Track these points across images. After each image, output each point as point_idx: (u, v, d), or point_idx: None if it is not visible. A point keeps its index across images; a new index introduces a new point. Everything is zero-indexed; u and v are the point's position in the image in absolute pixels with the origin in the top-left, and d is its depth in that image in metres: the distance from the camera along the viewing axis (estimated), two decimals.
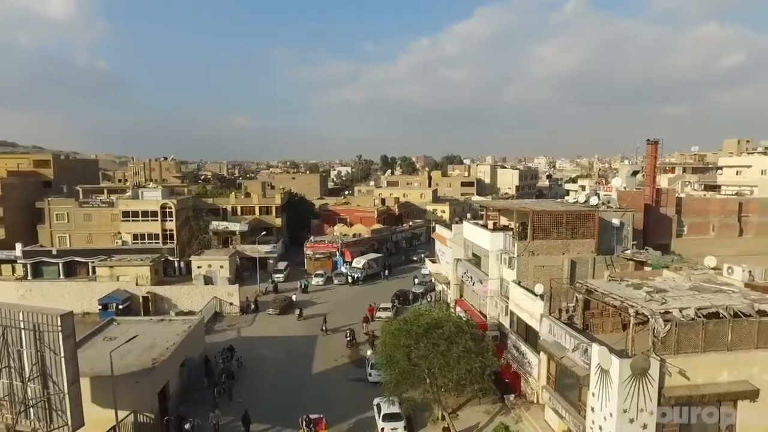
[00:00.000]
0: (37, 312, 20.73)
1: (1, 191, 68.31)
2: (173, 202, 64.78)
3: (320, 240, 68.00)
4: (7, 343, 20.81)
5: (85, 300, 46.69)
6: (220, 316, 46.68)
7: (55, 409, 20.74)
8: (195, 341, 34.19)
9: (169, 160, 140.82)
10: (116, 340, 29.13)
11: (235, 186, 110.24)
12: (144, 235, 64.20)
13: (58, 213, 67.00)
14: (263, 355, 37.37)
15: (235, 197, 73.70)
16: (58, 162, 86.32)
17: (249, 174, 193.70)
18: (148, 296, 47.96)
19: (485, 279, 33.18)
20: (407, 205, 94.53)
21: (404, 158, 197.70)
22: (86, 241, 65.62)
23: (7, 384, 21.23)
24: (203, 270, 56.71)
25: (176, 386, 29.96)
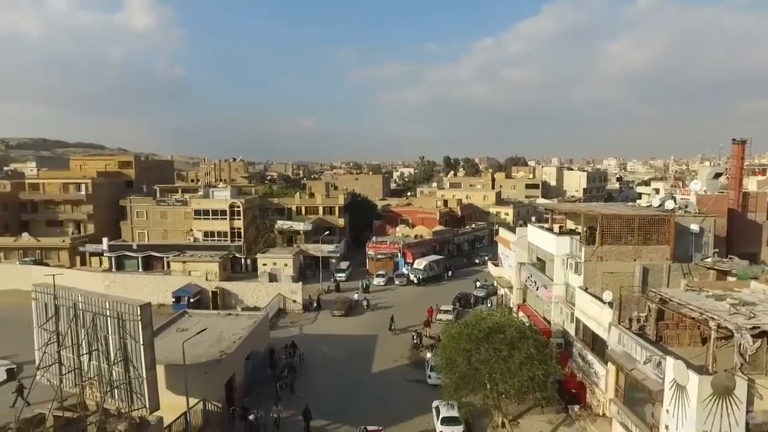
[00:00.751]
0: (121, 302, 22.28)
1: (92, 190, 74.15)
2: (241, 201, 67.43)
3: (382, 240, 68.49)
4: (97, 328, 22.52)
5: (160, 292, 49.58)
6: (284, 313, 48.09)
7: (135, 392, 22.17)
8: (260, 336, 35.42)
9: (238, 160, 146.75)
10: (188, 332, 30.70)
11: (300, 186, 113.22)
12: (214, 233, 67.25)
13: (138, 211, 71.56)
14: (324, 353, 38.14)
15: (299, 197, 75.71)
16: (139, 163, 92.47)
17: (313, 174, 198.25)
18: (217, 291, 50.27)
19: (550, 284, 32.14)
20: (470, 207, 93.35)
21: (467, 159, 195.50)
22: (162, 237, 69.66)
23: (96, 366, 22.97)
24: (268, 267, 58.64)
25: (241, 378, 31.16)
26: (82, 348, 23.14)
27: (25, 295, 27.28)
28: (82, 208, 73.83)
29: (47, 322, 23.71)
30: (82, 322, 22.86)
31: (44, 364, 23.95)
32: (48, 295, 23.55)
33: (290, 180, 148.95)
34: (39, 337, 24.42)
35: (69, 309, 23.09)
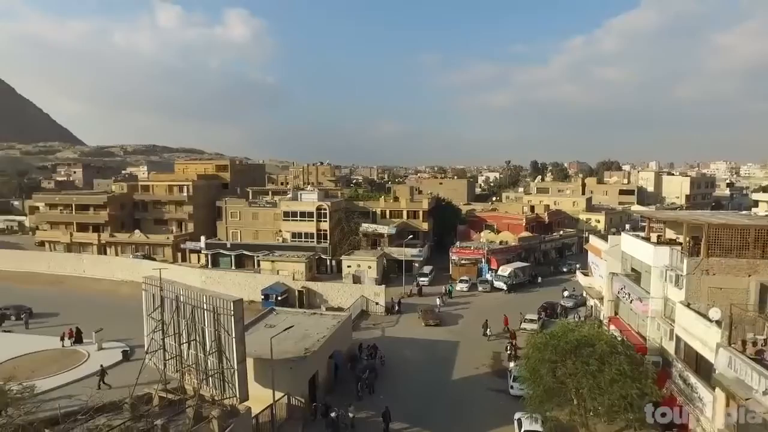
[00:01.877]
0: (216, 297, 23.84)
1: (192, 192, 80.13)
2: (328, 204, 69.52)
3: (466, 246, 67.57)
4: (195, 320, 24.30)
5: (250, 289, 52.33)
6: (366, 315, 48.89)
7: (227, 381, 23.60)
8: (343, 336, 36.26)
9: (325, 164, 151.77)
10: (275, 328, 32.14)
11: (385, 190, 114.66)
12: (301, 234, 69.87)
13: (233, 211, 76.09)
14: (405, 356, 38.26)
15: (384, 201, 76.69)
16: (234, 167, 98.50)
17: (398, 178, 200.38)
18: (303, 290, 52.17)
19: (645, 297, 29.98)
20: (558, 213, 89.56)
21: (555, 164, 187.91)
22: (253, 237, 73.51)
23: (194, 354, 24.78)
24: (352, 269, 59.96)
25: (324, 376, 32.04)
26: (182, 337, 25.06)
27: (137, 285, 30.17)
28: (184, 208, 79.96)
29: (154, 311, 25.93)
30: (183, 313, 24.74)
31: (151, 350, 26.23)
32: (155, 287, 25.77)
33: (375, 184, 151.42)
34: (148, 324, 26.78)
35: (172, 301, 25.11)
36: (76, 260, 68.40)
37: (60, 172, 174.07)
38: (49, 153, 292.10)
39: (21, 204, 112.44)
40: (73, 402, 25.35)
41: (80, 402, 24.63)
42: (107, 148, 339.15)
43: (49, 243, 79.69)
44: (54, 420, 24.10)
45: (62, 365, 35.96)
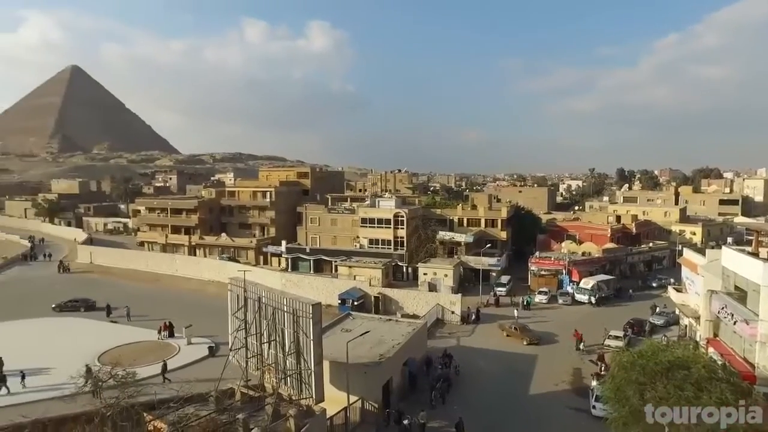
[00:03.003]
0: (296, 299, 24.71)
1: (275, 197, 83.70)
2: (405, 211, 69.83)
3: (546, 256, 65.12)
4: (275, 321, 25.33)
5: (327, 293, 53.52)
6: (442, 323, 48.42)
7: (304, 382, 24.32)
8: (417, 343, 36.13)
9: (403, 172, 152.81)
10: (351, 333, 32.64)
11: (462, 198, 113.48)
12: (378, 241, 70.62)
13: (312, 217, 78.44)
14: (480, 367, 37.45)
15: (461, 209, 75.84)
16: (314, 174, 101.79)
17: (476, 186, 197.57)
18: (379, 296, 52.63)
19: (753, 319, 27.26)
20: (647, 224, 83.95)
21: (644, 171, 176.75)
22: (332, 242, 75.33)
23: (273, 354, 25.83)
24: (428, 277, 59.69)
25: (398, 383, 32.06)
26: (263, 337, 26.18)
27: (223, 286, 31.98)
28: (267, 213, 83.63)
29: (238, 311, 27.33)
30: (265, 314, 25.86)
31: (235, 347, 27.65)
32: (239, 288, 27.17)
33: (452, 191, 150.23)
34: (232, 323, 28.27)
35: (255, 302, 26.33)
36: (169, 260, 73.67)
37: (158, 178, 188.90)
38: (149, 161, 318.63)
39: (126, 207, 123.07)
40: (166, 391, 27.21)
41: (172, 391, 26.44)
42: (198, 156, 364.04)
43: (148, 243, 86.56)
44: (150, 405, 26.09)
45: (158, 356, 38.80)
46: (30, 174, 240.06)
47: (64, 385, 28.43)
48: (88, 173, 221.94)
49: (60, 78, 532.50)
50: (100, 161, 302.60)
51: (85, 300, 53.35)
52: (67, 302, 52.55)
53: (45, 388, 31.92)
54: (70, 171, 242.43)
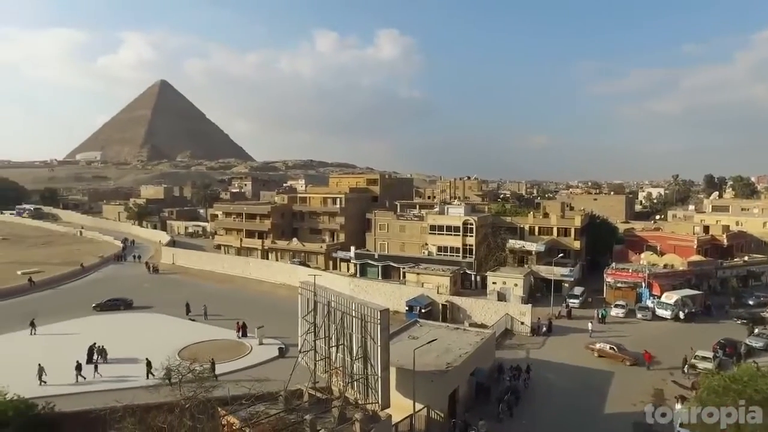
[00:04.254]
0: (364, 305, 24.93)
1: (344, 204, 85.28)
2: (474, 218, 68.80)
3: (623, 267, 61.69)
4: (344, 326, 25.69)
5: (395, 300, 53.66)
6: (511, 334, 47.10)
7: (370, 387, 24.43)
8: (485, 354, 35.35)
9: (472, 179, 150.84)
10: (418, 340, 32.47)
11: (533, 205, 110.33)
12: (447, 248, 69.95)
13: (381, 223, 79.08)
14: (550, 381, 35.99)
15: (532, 217, 73.65)
16: (383, 180, 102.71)
17: (547, 194, 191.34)
18: (447, 304, 52.08)
19: None
20: (741, 236, 77.31)
21: (738, 178, 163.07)
22: (400, 249, 75.53)
23: (341, 358, 26.19)
24: (497, 286, 58.34)
25: (464, 393, 31.48)
26: (332, 340, 26.61)
27: (293, 289, 32.92)
28: (336, 219, 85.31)
29: (308, 314, 27.97)
30: (333, 318, 26.29)
31: (304, 349, 28.29)
32: (309, 292, 27.81)
33: (523, 199, 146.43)
34: (302, 326, 28.97)
35: (324, 306, 26.84)
36: (244, 263, 76.91)
37: (234, 184, 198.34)
38: (227, 168, 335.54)
39: (205, 212, 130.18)
40: (239, 388, 28.30)
41: (244, 389, 27.46)
42: (272, 163, 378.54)
43: (224, 246, 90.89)
44: (224, 400, 27.29)
45: (232, 354, 40.62)
46: (124, 180, 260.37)
47: None
48: (172, 180, 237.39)
49: (150, 92, 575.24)
50: (182, 168, 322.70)
51: (123, 299, 56.01)
52: (107, 301, 55.16)
53: (130, 378, 34.72)
54: (156, 177, 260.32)
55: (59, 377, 34.29)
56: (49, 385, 33.26)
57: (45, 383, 33.69)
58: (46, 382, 33.77)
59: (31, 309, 51.63)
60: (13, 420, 22.96)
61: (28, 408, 24.41)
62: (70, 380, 34.46)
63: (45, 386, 33.21)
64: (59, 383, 33.62)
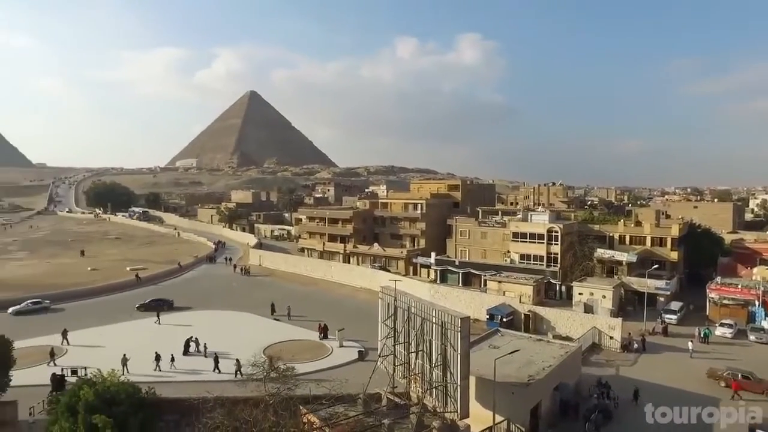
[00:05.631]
0: (444, 312, 24.67)
1: (425, 210, 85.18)
2: (559, 226, 66.03)
3: (731, 283, 56.16)
4: (423, 332, 25.56)
5: (475, 307, 52.62)
6: (598, 348, 44.50)
7: (449, 395, 24.08)
8: (570, 368, 33.66)
9: (557, 185, 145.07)
10: (499, 350, 31.58)
11: (624, 213, 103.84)
12: (530, 256, 67.61)
13: (462, 230, 78.02)
14: (643, 402, 33.41)
15: (623, 225, 69.32)
16: (464, 186, 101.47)
17: (640, 201, 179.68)
18: (529, 314, 50.27)
19: None
20: None
21: None
22: (481, 256, 74.03)
23: (420, 364, 26.08)
24: (584, 297, 55.45)
25: (547, 408, 30.11)
26: (411, 346, 26.54)
27: (374, 293, 33.28)
28: (417, 224, 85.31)
29: (388, 319, 28.13)
30: (413, 324, 26.23)
31: (383, 354, 28.46)
32: (390, 297, 27.96)
33: (613, 206, 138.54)
34: (381, 330, 29.19)
35: (404, 311, 26.87)
36: (326, 266, 79.00)
37: (318, 189, 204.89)
38: (310, 174, 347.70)
39: (290, 216, 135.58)
40: (320, 388, 29.01)
41: (325, 389, 28.10)
42: (354, 169, 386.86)
43: (307, 249, 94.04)
44: (306, 399, 28.08)
45: (313, 354, 41.82)
46: (216, 186, 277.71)
47: None
48: (260, 185, 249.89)
49: (240, 102, 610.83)
50: (269, 174, 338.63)
51: (166, 300, 58.51)
52: (150, 301, 57.71)
53: (204, 371, 37.69)
54: (246, 183, 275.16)
55: (162, 364, 38.58)
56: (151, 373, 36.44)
57: (160, 368, 38.14)
58: (159, 367, 38.34)
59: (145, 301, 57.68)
60: (124, 401, 25.25)
61: (135, 391, 26.72)
62: (175, 368, 38.43)
63: (148, 372, 36.63)
64: (164, 370, 38.17)
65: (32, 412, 30.25)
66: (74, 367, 36.86)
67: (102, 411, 24.24)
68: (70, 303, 59.32)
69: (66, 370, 35.91)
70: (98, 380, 27.11)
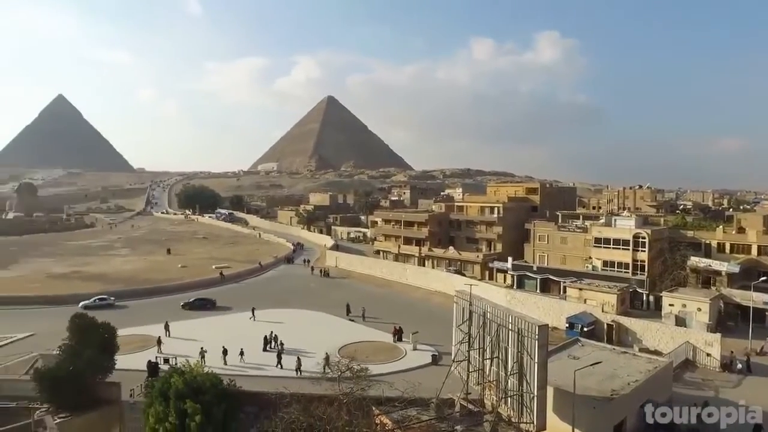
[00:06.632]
0: (521, 318, 23.90)
1: (502, 213, 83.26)
2: (647, 232, 61.99)
3: None
4: (499, 338, 24.92)
5: (554, 315, 50.55)
6: (692, 366, 41.07)
7: (525, 405, 23.28)
8: (660, 385, 31.32)
9: (644, 188, 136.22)
10: (579, 361, 30.05)
11: (723, 218, 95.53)
12: (613, 263, 64.03)
13: (540, 234, 75.39)
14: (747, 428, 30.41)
15: (722, 232, 63.78)
16: (543, 190, 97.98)
17: (742, 205, 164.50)
18: (613, 324, 47.52)
19: None
20: None
21: None
22: (560, 262, 71.13)
23: (495, 371, 25.44)
24: (675, 309, 51.52)
25: (633, 426, 28.15)
26: (486, 352, 25.95)
27: (448, 297, 32.91)
28: (494, 228, 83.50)
29: (462, 324, 27.73)
30: (488, 330, 25.65)
31: (457, 359, 28.07)
32: (465, 302, 27.55)
33: (709, 210, 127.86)
34: (455, 335, 28.81)
35: (479, 316, 26.35)
36: (401, 269, 79.29)
37: (393, 192, 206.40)
38: (386, 177, 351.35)
39: (366, 218, 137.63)
40: (393, 390, 29.08)
41: (398, 391, 28.13)
42: (430, 172, 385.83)
43: (382, 252, 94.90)
44: (378, 400, 28.28)
45: (387, 356, 42.08)
46: (295, 188, 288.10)
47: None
48: (337, 188, 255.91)
49: (318, 107, 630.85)
50: (346, 177, 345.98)
51: (209, 300, 60.41)
52: (194, 301, 59.72)
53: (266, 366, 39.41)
54: (323, 186, 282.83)
55: (253, 357, 40.90)
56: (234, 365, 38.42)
57: (226, 362, 39.51)
58: (226, 361, 39.65)
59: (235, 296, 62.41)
60: (209, 390, 26.87)
61: (218, 381, 28.35)
62: (244, 362, 40.08)
63: (229, 364, 38.86)
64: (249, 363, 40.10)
65: (132, 394, 33.01)
66: (167, 355, 39.99)
67: (190, 398, 25.91)
68: (154, 299, 64.04)
69: (159, 359, 38.82)
70: (186, 370, 29.01)
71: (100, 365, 30.86)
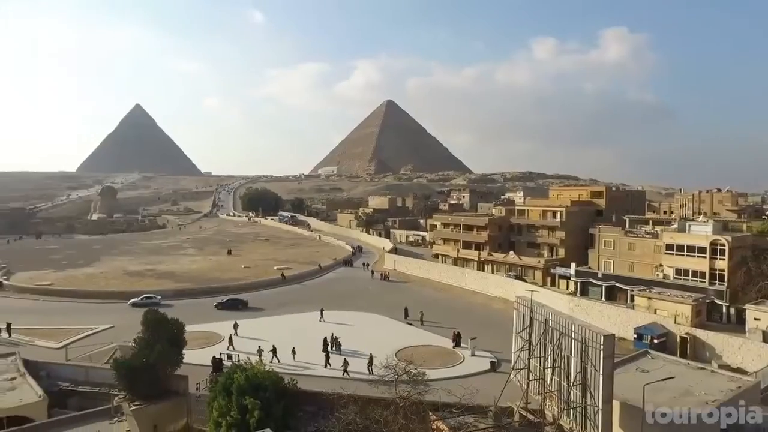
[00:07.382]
0: (585, 327, 22.90)
1: (565, 218, 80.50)
2: (727, 238, 57.85)
3: None
4: (561, 347, 24.00)
5: (621, 325, 48.27)
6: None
7: (588, 419, 22.24)
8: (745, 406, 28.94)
9: (724, 191, 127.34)
10: (649, 375, 28.37)
11: None
12: (688, 272, 60.26)
13: (606, 240, 72.26)
14: None
15: None
16: (609, 193, 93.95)
17: None
18: (687, 337, 44.67)
19: None
20: None
21: None
22: (628, 269, 67.79)
23: (557, 381, 24.50)
24: (762, 323, 47.54)
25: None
26: (547, 361, 25.07)
27: (508, 303, 32.14)
28: (556, 233, 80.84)
29: (523, 331, 26.96)
30: (550, 338, 24.77)
31: (517, 367, 27.31)
32: (525, 308, 26.79)
33: None
34: (515, 342, 28.06)
35: (540, 324, 25.52)
36: (460, 273, 78.29)
37: (452, 196, 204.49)
38: (445, 180, 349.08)
39: (424, 222, 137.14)
40: (450, 396, 28.67)
41: (455, 397, 27.70)
42: (490, 176, 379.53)
43: (441, 256, 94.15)
44: (435, 406, 27.99)
45: (444, 361, 41.64)
46: (355, 192, 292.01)
47: None
48: (396, 191, 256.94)
49: (378, 111, 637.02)
50: (405, 180, 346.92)
51: (241, 300, 61.30)
52: (227, 301, 60.77)
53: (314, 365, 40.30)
54: (382, 189, 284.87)
55: (312, 357, 41.89)
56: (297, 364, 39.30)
57: (278, 360, 40.71)
58: (277, 359, 41.00)
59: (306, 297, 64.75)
60: (269, 387, 27.70)
61: (278, 380, 29.14)
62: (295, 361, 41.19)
63: None
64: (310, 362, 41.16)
65: (198, 388, 34.52)
66: (230, 353, 41.55)
67: (251, 395, 26.76)
68: (207, 298, 65.43)
69: (223, 355, 40.40)
70: (248, 366, 30.01)
71: (170, 358, 32.46)
